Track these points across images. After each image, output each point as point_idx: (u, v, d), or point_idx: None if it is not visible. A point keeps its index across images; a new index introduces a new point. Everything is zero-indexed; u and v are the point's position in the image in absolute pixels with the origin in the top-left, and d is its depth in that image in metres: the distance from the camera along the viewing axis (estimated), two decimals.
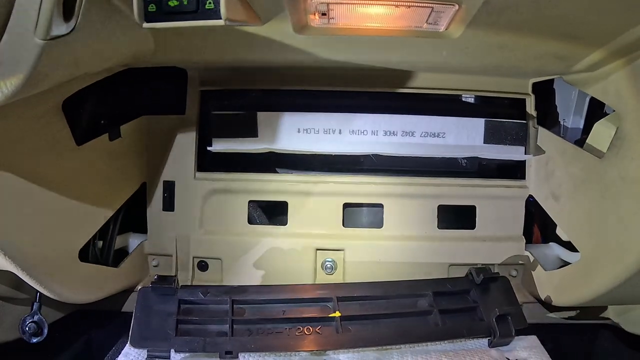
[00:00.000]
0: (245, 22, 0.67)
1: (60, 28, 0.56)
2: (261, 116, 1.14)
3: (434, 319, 1.02)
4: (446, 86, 1.17)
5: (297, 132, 1.14)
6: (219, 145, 1.16)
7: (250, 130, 1.14)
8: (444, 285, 1.09)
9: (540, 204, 1.18)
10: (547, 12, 0.70)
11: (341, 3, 0.71)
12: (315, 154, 1.16)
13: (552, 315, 1.18)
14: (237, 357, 0.94)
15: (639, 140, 0.84)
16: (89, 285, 1.02)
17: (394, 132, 1.14)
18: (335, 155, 1.17)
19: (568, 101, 1.18)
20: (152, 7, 0.61)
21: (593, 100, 1.11)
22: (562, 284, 1.08)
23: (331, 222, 1.19)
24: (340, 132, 1.13)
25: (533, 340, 1.05)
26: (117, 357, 0.98)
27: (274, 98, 1.17)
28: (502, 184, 1.22)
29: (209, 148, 1.16)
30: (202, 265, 1.20)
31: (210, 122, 1.17)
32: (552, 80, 1.16)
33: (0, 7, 0.52)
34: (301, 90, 1.15)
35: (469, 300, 1.08)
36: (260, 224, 1.21)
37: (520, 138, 1.19)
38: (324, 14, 0.74)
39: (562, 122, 1.19)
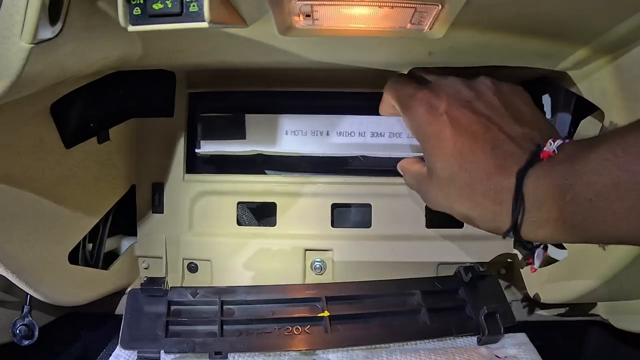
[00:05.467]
0: (229, 24, 0.67)
1: (47, 32, 0.56)
2: (249, 118, 1.14)
3: (423, 317, 1.03)
4: None
5: (285, 134, 1.14)
6: (207, 147, 1.16)
7: (238, 133, 1.14)
8: (432, 284, 1.10)
9: None
10: (530, 10, 0.71)
11: (325, 4, 0.71)
12: (304, 156, 1.16)
13: (541, 312, 1.18)
14: (227, 358, 0.94)
15: None
16: (79, 287, 1.03)
17: (381, 133, 1.15)
18: (323, 156, 1.17)
19: (555, 99, 1.19)
20: (136, 11, 0.62)
21: (580, 98, 1.11)
22: (550, 281, 1.08)
23: (320, 222, 1.19)
24: (327, 134, 1.13)
25: (522, 337, 1.05)
26: (108, 359, 0.98)
27: (262, 100, 1.17)
28: None
29: (197, 150, 1.17)
30: (192, 267, 1.20)
31: (198, 124, 1.17)
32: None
33: None
34: (288, 92, 1.15)
35: (458, 298, 1.08)
36: (249, 225, 1.21)
37: None
38: (308, 16, 0.74)
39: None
